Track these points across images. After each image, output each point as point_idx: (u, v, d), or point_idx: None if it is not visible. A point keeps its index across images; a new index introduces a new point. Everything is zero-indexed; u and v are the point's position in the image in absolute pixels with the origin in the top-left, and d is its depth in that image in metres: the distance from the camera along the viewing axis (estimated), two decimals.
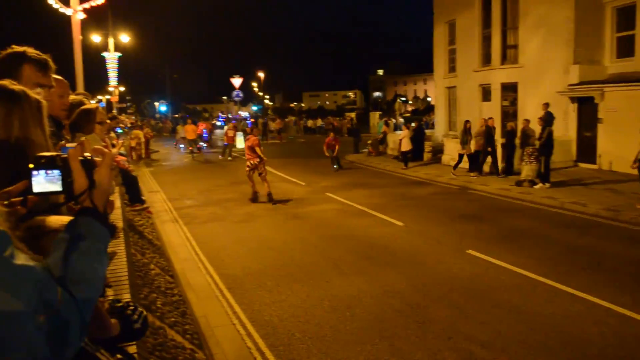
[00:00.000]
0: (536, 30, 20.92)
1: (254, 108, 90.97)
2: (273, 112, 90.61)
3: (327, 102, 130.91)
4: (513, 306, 6.84)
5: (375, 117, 42.63)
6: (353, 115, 56.77)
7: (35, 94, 1.89)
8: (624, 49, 18.72)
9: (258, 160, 14.01)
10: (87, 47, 24.53)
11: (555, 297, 7.10)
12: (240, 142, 32.43)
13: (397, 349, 5.78)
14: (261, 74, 73.96)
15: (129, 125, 35.36)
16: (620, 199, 13.05)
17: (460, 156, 18.30)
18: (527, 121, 16.39)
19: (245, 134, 40.52)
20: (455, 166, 18.27)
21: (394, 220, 11.95)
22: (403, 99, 73.30)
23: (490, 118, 18.70)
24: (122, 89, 47.31)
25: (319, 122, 54.44)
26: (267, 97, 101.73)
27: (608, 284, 7.52)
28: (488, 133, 17.67)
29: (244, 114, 70.65)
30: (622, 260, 8.67)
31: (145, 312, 2.15)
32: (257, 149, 14.10)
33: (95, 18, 27.90)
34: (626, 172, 15.31)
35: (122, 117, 42.72)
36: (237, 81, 37.26)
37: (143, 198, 10.73)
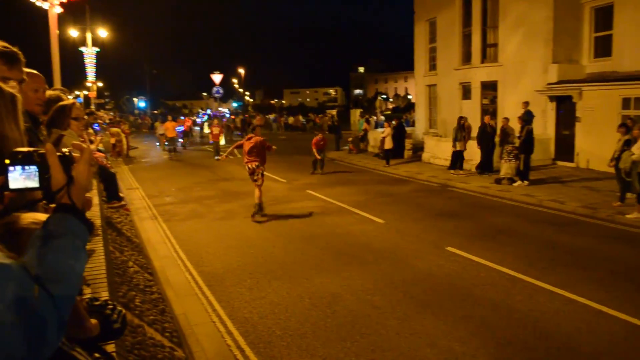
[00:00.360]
0: (516, 29, 21.14)
1: (234, 104, 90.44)
2: (253, 108, 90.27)
3: (308, 99, 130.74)
4: (492, 303, 6.91)
5: (356, 114, 42.70)
6: (334, 112, 56.80)
7: (10, 87, 1.84)
8: (602, 49, 19.00)
9: (256, 164, 12.28)
10: (64, 42, 24.17)
11: (534, 293, 7.18)
12: (222, 139, 32.24)
13: (377, 346, 5.79)
14: (241, 71, 73.71)
15: (107, 121, 34.87)
16: (597, 196, 13.26)
17: (456, 153, 18.05)
18: (507, 119, 16.57)
19: (228, 130, 40.46)
20: (460, 167, 18.09)
21: (374, 217, 12.00)
22: (384, 96, 73.56)
23: (487, 115, 18.51)
24: (100, 84, 46.79)
25: (300, 118, 54.33)
26: (247, 93, 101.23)
27: (585, 280, 7.63)
28: (483, 131, 17.38)
29: (223, 110, 70.31)
30: (599, 257, 8.80)
31: (124, 311, 2.12)
32: (273, 147, 12.47)
33: (72, 12, 27.57)
34: (603, 170, 15.59)
35: (101, 113, 42.23)
36: (217, 77, 37.00)
37: (121, 195, 10.61)
